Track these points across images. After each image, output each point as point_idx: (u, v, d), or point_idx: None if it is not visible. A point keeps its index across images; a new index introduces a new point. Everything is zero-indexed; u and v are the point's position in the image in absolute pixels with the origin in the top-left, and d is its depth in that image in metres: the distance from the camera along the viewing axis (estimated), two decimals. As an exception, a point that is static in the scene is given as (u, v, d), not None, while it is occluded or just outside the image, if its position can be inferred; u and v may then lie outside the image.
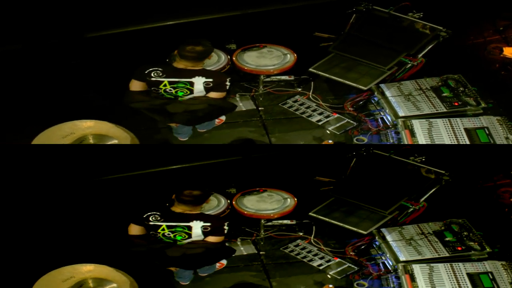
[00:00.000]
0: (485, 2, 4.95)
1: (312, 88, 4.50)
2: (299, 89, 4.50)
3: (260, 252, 4.48)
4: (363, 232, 4.49)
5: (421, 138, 4.25)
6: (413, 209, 4.59)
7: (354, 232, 4.51)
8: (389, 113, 4.37)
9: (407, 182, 4.65)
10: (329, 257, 4.44)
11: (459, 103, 4.40)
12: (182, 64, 4.37)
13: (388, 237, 4.49)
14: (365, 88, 4.43)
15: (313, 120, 4.37)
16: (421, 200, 4.62)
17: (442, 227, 4.58)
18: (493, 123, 4.32)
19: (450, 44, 4.67)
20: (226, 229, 4.40)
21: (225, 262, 4.35)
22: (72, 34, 4.62)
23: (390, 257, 4.39)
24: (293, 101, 4.46)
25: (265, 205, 4.63)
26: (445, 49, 4.66)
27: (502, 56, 4.70)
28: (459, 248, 4.43)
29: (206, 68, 4.40)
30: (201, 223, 4.37)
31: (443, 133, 4.27)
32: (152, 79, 4.31)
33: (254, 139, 4.28)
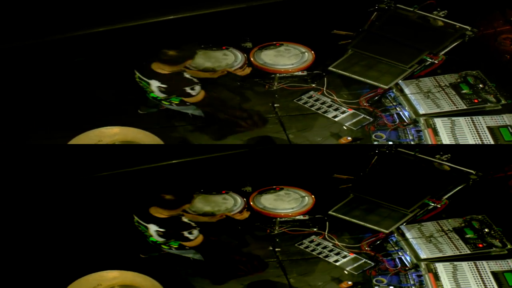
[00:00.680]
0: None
1: (326, 84, 4.47)
2: (313, 85, 4.47)
3: (276, 249, 4.45)
4: (385, 231, 4.46)
5: (445, 137, 4.21)
6: (434, 207, 4.53)
7: (369, 228, 4.49)
8: (408, 110, 4.34)
9: (430, 180, 4.60)
10: (345, 253, 4.41)
11: (479, 100, 4.36)
12: (158, 66, 4.38)
13: (408, 234, 4.46)
14: (387, 87, 4.39)
15: (329, 116, 4.34)
16: (444, 198, 4.56)
17: (462, 224, 4.53)
18: (515, 121, 4.29)
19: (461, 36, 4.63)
20: None
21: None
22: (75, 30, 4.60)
23: (410, 255, 4.34)
24: (308, 97, 4.43)
25: (283, 204, 4.60)
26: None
27: (514, 47, 4.65)
28: (480, 245, 4.40)
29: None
30: None
31: (466, 132, 4.23)
32: None
33: (272, 136, 4.26)
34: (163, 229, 4.40)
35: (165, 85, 4.34)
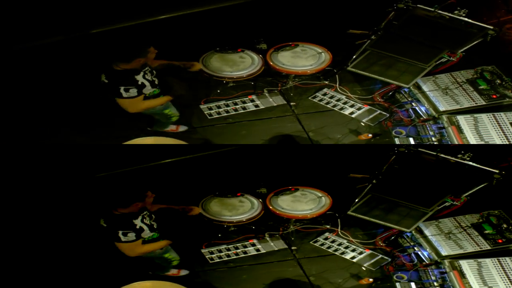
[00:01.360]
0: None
1: (338, 80, 4.47)
2: (326, 82, 4.47)
3: (292, 247, 4.46)
4: (406, 230, 4.46)
5: (469, 134, 4.22)
6: (452, 204, 4.53)
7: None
8: (427, 107, 4.35)
9: (451, 179, 4.57)
10: (361, 249, 4.43)
11: (497, 96, 4.37)
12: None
13: (426, 232, 4.46)
14: (408, 86, 4.40)
15: (346, 113, 4.36)
16: (463, 196, 4.56)
17: (480, 220, 4.54)
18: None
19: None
20: None
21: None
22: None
23: (430, 251, 4.34)
24: (322, 94, 4.44)
25: (302, 205, 4.60)
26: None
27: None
28: (500, 241, 4.40)
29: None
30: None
31: (490, 129, 4.23)
32: None
33: (293, 135, 4.28)
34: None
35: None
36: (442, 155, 4.51)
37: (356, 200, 4.58)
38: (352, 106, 4.37)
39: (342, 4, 4.72)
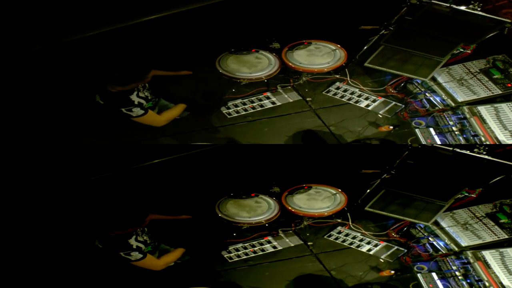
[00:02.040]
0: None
1: (349, 74, 4.50)
2: (337, 76, 4.50)
3: (308, 243, 4.50)
4: (426, 224, 4.50)
5: (493, 125, 4.27)
6: (466, 196, 4.58)
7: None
8: (445, 98, 4.39)
9: (468, 173, 4.57)
10: (375, 241, 4.48)
11: (512, 84, 4.44)
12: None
13: (443, 223, 4.50)
14: (427, 79, 4.44)
15: (362, 106, 4.40)
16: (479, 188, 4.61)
17: (493, 209, 4.59)
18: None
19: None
20: None
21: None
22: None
23: (449, 242, 4.38)
24: (335, 88, 4.47)
25: (318, 203, 4.62)
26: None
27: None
28: (516, 230, 4.45)
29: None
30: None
31: (512, 117, 4.29)
32: None
33: (315, 130, 4.31)
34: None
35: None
36: (459, 150, 4.51)
37: (366, 193, 4.61)
38: (367, 99, 4.42)
39: (348, 1, 4.72)
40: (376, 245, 4.46)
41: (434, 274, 4.30)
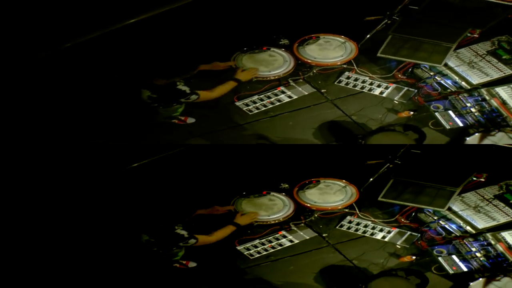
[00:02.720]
0: None
1: (355, 63, 4.55)
2: (344, 66, 4.54)
3: (323, 234, 4.54)
4: (442, 210, 4.56)
5: (514, 104, 4.35)
6: (472, 179, 4.64)
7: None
8: (459, 82, 4.46)
9: (479, 160, 4.65)
10: (388, 228, 4.53)
11: (522, 63, 4.51)
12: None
13: (455, 208, 4.58)
14: (441, 65, 4.50)
15: (376, 93, 4.47)
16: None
17: (500, 190, 4.66)
18: None
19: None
20: None
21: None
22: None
23: (464, 225, 4.46)
24: (346, 78, 4.52)
25: (331, 197, 4.65)
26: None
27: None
28: (526, 209, 4.56)
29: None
30: None
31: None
32: None
33: (337, 121, 4.36)
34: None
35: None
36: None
37: (368, 181, 4.64)
38: (379, 86, 4.48)
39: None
40: (389, 232, 4.52)
41: (455, 257, 4.38)
